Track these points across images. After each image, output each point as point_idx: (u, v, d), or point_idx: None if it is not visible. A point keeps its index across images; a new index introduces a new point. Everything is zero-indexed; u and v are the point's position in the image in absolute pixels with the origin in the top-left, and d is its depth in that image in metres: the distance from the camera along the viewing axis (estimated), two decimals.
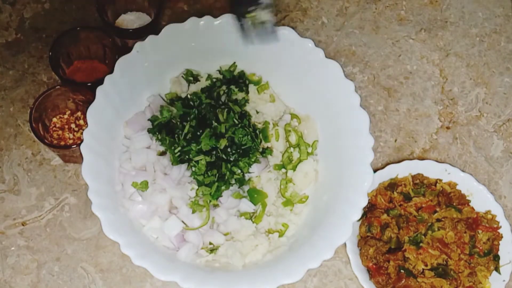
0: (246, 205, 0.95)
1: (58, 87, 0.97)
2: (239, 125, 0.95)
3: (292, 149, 1.00)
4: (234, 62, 1.02)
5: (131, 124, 0.97)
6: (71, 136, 0.99)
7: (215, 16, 0.97)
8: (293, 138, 1.01)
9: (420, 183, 1.01)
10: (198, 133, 0.93)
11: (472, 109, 1.12)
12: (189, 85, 1.02)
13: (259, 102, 1.03)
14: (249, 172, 0.95)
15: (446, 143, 1.09)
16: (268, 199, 0.97)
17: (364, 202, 0.90)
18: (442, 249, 0.95)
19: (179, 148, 0.93)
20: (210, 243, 0.93)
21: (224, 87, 1.00)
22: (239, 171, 0.94)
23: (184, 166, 0.93)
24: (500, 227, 0.98)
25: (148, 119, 0.97)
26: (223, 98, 0.99)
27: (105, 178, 0.90)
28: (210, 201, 0.93)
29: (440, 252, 0.95)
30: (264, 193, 0.96)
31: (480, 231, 0.98)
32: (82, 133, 0.89)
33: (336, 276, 0.98)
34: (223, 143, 0.92)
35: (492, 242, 0.97)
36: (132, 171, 0.94)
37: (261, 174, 0.97)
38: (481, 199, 1.00)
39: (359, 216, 0.89)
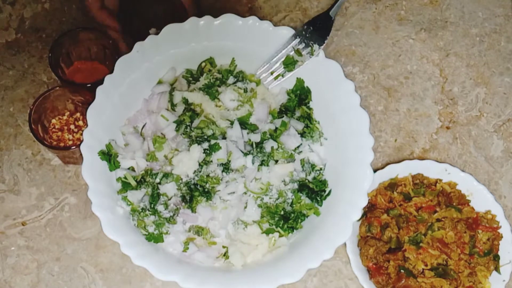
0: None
1: (57, 88, 0.97)
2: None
3: None
4: (233, 59, 1.02)
5: (133, 122, 0.97)
6: (71, 137, 0.99)
7: (215, 16, 0.97)
8: None
9: (420, 183, 1.01)
10: None
11: (472, 109, 1.12)
12: (189, 85, 1.02)
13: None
14: None
15: (446, 143, 1.08)
16: None
17: (364, 202, 0.90)
18: (442, 249, 0.95)
19: None
20: (223, 247, 0.93)
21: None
22: None
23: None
24: (500, 227, 0.98)
25: None
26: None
27: (105, 178, 0.90)
28: None
29: (440, 252, 0.95)
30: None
31: (480, 231, 0.98)
32: (81, 134, 0.89)
33: (336, 276, 0.98)
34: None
35: (492, 242, 0.97)
36: None
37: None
38: (481, 199, 1.00)
39: (359, 216, 0.89)
